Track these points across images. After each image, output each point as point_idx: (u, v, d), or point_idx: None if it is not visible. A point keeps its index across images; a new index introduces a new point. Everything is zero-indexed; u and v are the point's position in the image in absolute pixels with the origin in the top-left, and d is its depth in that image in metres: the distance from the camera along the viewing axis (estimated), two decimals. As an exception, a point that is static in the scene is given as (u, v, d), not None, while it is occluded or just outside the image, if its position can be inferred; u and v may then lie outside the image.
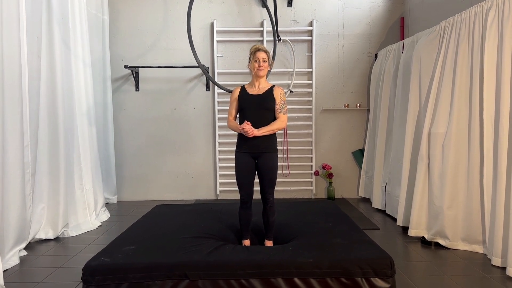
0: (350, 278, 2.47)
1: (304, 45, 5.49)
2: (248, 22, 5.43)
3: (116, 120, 5.47)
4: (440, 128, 3.57)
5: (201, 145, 5.53)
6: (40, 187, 3.74)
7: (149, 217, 3.63)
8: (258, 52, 2.96)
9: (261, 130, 2.88)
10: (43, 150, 3.74)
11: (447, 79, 3.54)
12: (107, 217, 4.67)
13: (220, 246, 2.76)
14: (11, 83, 3.21)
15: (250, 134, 2.84)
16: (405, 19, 5.39)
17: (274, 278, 2.47)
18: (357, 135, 5.62)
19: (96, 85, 4.91)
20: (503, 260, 3.00)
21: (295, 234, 3.10)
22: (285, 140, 5.35)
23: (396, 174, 4.40)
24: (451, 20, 3.58)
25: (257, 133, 2.86)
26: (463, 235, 3.45)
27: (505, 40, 2.98)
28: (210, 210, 3.84)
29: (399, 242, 3.75)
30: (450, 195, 3.47)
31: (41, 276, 3.00)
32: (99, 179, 4.73)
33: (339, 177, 5.60)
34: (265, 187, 2.99)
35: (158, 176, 5.56)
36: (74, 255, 3.46)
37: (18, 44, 3.28)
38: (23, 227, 3.40)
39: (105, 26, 5.18)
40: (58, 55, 3.92)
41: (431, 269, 3.07)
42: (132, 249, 2.72)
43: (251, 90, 3.02)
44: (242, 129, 2.86)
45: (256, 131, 2.85)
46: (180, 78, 5.46)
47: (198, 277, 2.47)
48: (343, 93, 5.56)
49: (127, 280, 2.45)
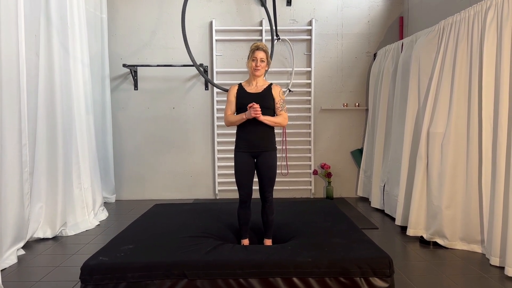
0: (349, 277, 2.47)
1: (303, 45, 5.48)
2: (247, 21, 5.43)
3: (115, 119, 5.46)
4: (439, 127, 3.57)
5: (200, 144, 5.53)
6: (38, 186, 3.73)
7: (147, 216, 3.62)
8: (257, 51, 2.93)
9: (266, 117, 2.89)
10: (41, 149, 3.73)
11: (446, 78, 3.54)
12: (105, 216, 4.67)
13: (218, 246, 2.76)
14: (9, 82, 3.20)
15: (257, 113, 2.81)
16: (404, 18, 5.39)
17: (273, 278, 2.47)
18: (356, 134, 5.62)
19: (94, 83, 4.90)
20: (501, 260, 3.01)
21: (293, 233, 3.10)
22: (284, 139, 5.35)
23: (394, 173, 4.40)
24: (450, 19, 3.58)
25: (262, 117, 2.86)
26: (461, 234, 3.45)
27: (504, 40, 2.98)
28: (209, 209, 3.84)
29: (398, 241, 3.75)
30: (448, 194, 3.48)
31: (39, 275, 2.99)
32: (97, 178, 4.72)
33: (338, 176, 5.61)
34: (265, 185, 2.99)
35: (157, 175, 5.55)
36: (72, 254, 3.45)
37: (16, 42, 3.27)
38: (21, 226, 3.40)
39: (103, 25, 5.16)
40: (57, 53, 3.91)
41: (429, 269, 3.07)
42: (130, 248, 2.71)
43: (249, 88, 3.01)
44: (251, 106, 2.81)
45: (262, 116, 2.86)
46: (179, 77, 5.45)
47: (197, 276, 2.46)
48: (342, 93, 5.56)
49: (125, 279, 2.44)
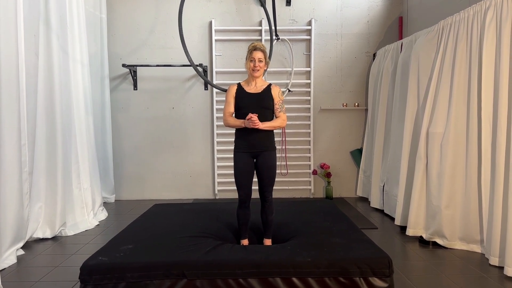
0: (348, 277, 2.47)
1: (302, 45, 5.48)
2: (246, 21, 5.42)
3: (114, 119, 5.45)
4: (438, 127, 3.58)
5: (199, 144, 5.53)
6: (38, 185, 3.72)
7: (147, 216, 3.62)
8: (255, 51, 2.92)
9: (265, 124, 2.88)
10: (40, 149, 3.73)
11: (445, 78, 3.54)
12: (105, 216, 4.66)
13: (218, 246, 2.76)
14: (8, 81, 3.20)
15: (256, 125, 2.81)
16: (404, 18, 5.39)
17: (272, 278, 2.47)
18: (355, 134, 5.62)
19: (94, 83, 4.89)
20: (500, 260, 3.01)
21: (293, 233, 3.10)
22: (284, 139, 5.35)
23: (394, 173, 4.40)
24: (449, 20, 3.58)
25: (261, 125, 2.84)
26: (461, 234, 3.45)
27: (503, 40, 2.98)
28: (208, 209, 3.84)
29: (397, 241, 3.75)
30: (448, 194, 3.48)
31: (39, 275, 2.99)
32: (97, 178, 4.72)
33: (337, 176, 5.61)
34: (264, 186, 2.99)
35: (156, 175, 5.55)
36: (71, 254, 3.45)
37: (15, 42, 3.27)
38: (20, 226, 3.39)
39: (103, 25, 5.16)
40: (56, 53, 3.91)
41: (429, 269, 3.07)
42: (130, 248, 2.71)
43: (248, 88, 3.00)
44: (249, 119, 2.80)
45: (261, 124, 2.84)
46: (178, 77, 5.45)
47: (196, 276, 2.46)
48: (341, 93, 5.56)
49: (125, 279, 2.44)
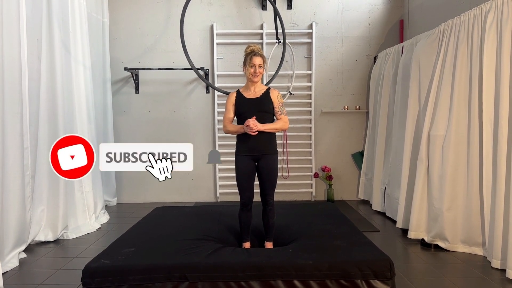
0: (350, 280, 2.47)
1: (303, 48, 5.50)
2: (248, 24, 5.44)
3: (116, 122, 5.47)
4: (440, 130, 3.58)
5: (201, 147, 5.53)
6: (40, 189, 3.73)
7: (148, 219, 3.63)
8: (255, 57, 2.88)
9: (265, 126, 2.86)
10: (43, 152, 3.73)
11: (446, 81, 3.55)
12: (106, 219, 4.67)
13: (219, 248, 2.77)
14: (11, 85, 3.21)
15: (254, 129, 2.79)
16: (405, 21, 5.40)
17: (274, 280, 2.47)
18: (357, 137, 5.62)
19: (96, 87, 4.91)
20: (502, 262, 3.00)
21: (294, 236, 3.10)
22: (285, 142, 5.35)
23: (395, 176, 4.40)
24: (450, 22, 3.59)
25: (261, 127, 2.82)
26: (462, 237, 3.45)
27: (504, 43, 2.98)
28: (209, 212, 3.84)
29: (399, 244, 3.75)
30: (449, 197, 3.48)
31: (41, 278, 2.99)
32: (98, 181, 4.73)
33: (339, 179, 5.60)
34: (266, 189, 2.99)
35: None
36: (73, 257, 3.46)
37: (18, 47, 3.29)
38: (22, 229, 3.40)
39: (105, 29, 5.19)
40: (58, 57, 3.93)
41: (430, 271, 3.07)
42: (131, 251, 2.72)
43: (247, 94, 2.99)
44: (246, 126, 2.80)
45: (260, 126, 2.82)
46: (180, 80, 5.47)
47: (198, 279, 2.47)
48: (342, 96, 5.57)
49: (126, 282, 2.45)
